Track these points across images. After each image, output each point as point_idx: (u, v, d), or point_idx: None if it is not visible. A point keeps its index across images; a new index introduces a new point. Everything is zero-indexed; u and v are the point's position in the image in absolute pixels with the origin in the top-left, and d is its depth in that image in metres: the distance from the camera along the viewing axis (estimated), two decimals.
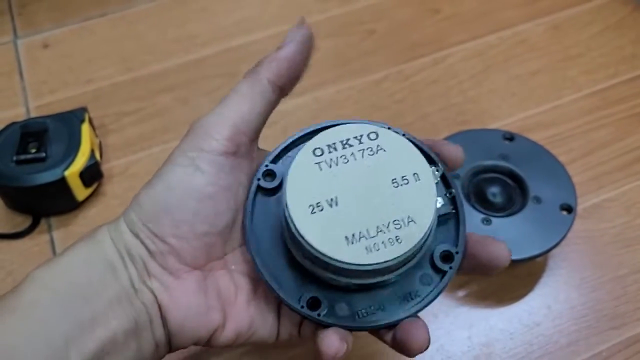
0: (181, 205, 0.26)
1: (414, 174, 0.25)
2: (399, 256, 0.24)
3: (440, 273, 0.27)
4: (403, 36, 0.57)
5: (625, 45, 0.56)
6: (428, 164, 0.26)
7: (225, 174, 0.27)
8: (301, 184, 0.25)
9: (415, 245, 0.24)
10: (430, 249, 0.27)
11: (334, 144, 0.26)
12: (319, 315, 0.26)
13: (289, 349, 0.38)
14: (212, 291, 0.28)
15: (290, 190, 0.25)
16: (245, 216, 0.28)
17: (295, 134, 0.29)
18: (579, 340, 0.38)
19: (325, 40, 0.57)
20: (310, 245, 0.24)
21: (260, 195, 0.28)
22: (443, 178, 0.28)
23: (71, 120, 0.45)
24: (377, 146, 0.26)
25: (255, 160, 0.29)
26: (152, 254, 0.26)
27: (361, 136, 0.26)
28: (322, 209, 0.25)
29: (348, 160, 0.26)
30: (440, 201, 0.27)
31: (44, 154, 0.43)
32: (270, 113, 0.28)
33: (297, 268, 0.27)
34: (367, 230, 0.24)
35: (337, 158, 0.26)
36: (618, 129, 0.49)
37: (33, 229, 0.44)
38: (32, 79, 0.54)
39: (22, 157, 0.43)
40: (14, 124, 0.45)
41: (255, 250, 0.27)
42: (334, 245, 0.24)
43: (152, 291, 0.26)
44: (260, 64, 0.28)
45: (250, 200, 0.28)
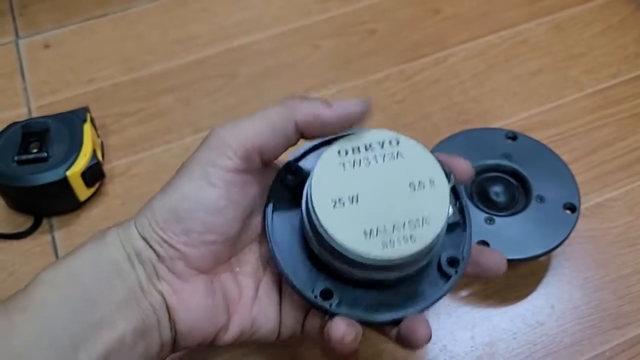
0: (193, 216, 0.27)
1: (430, 180, 0.27)
2: (412, 254, 0.26)
3: (446, 277, 0.29)
4: (404, 36, 0.57)
5: (627, 45, 0.56)
6: (444, 172, 0.28)
7: (238, 189, 0.28)
8: (326, 180, 0.27)
9: (428, 245, 0.26)
10: (437, 254, 0.29)
11: (358, 147, 0.28)
12: (330, 305, 0.27)
13: (290, 348, 0.38)
14: (219, 293, 0.28)
15: (316, 185, 0.27)
16: (265, 215, 0.29)
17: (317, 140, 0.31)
18: (582, 339, 0.38)
19: (326, 40, 0.56)
20: (331, 237, 0.26)
21: (281, 192, 0.30)
22: (453, 189, 0.29)
23: (73, 120, 0.45)
24: (397, 152, 0.28)
25: (270, 177, 0.30)
26: (161, 259, 0.27)
27: (383, 142, 0.28)
28: (344, 205, 0.26)
29: (370, 163, 0.28)
30: (450, 210, 0.28)
31: (45, 154, 0.42)
32: (287, 148, 0.29)
33: (312, 261, 0.29)
34: (385, 227, 0.26)
35: (360, 160, 0.28)
36: (620, 128, 0.49)
37: (35, 229, 0.44)
38: (34, 79, 0.54)
39: (24, 157, 0.42)
40: (15, 124, 0.45)
41: (274, 243, 0.29)
42: (353, 238, 0.26)
43: (162, 293, 0.27)
44: (302, 103, 0.28)
45: (270, 199, 0.30)
